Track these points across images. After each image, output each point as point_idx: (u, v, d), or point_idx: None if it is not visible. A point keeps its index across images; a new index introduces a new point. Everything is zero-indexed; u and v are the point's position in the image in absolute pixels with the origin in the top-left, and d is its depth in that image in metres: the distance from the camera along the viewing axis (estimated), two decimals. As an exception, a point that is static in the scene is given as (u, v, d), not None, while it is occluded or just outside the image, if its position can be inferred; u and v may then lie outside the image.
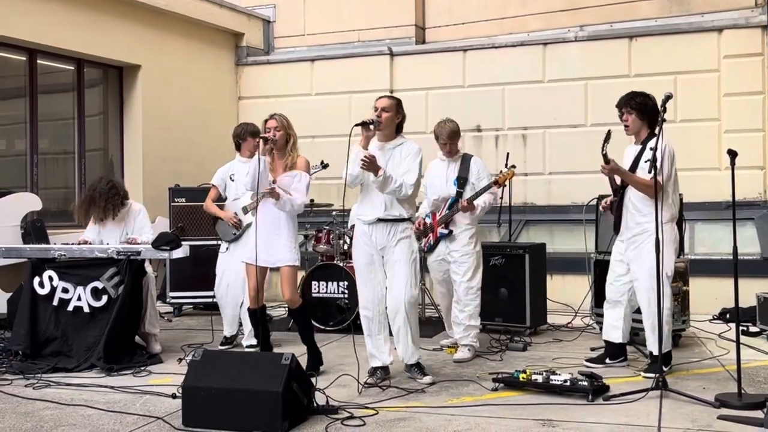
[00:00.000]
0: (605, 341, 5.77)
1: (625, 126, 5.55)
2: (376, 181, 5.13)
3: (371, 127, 5.21)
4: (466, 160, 6.32)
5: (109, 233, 6.51)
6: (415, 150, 5.35)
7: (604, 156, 5.32)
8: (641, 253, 5.36)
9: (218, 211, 6.67)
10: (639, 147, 5.49)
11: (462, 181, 6.21)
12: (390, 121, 5.34)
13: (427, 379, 5.26)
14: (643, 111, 5.44)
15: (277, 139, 5.45)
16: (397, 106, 5.40)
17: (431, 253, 6.35)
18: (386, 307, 5.34)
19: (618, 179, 5.52)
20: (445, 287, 6.38)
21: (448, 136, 6.20)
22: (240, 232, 6.60)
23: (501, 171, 6.23)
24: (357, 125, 5.21)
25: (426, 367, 5.43)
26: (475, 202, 6.11)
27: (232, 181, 6.71)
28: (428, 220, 6.33)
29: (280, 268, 5.56)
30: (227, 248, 6.70)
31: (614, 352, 5.72)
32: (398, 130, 5.44)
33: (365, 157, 5.09)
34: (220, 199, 6.80)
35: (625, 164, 5.50)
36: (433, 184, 6.36)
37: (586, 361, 5.75)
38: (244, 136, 6.67)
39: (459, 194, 6.20)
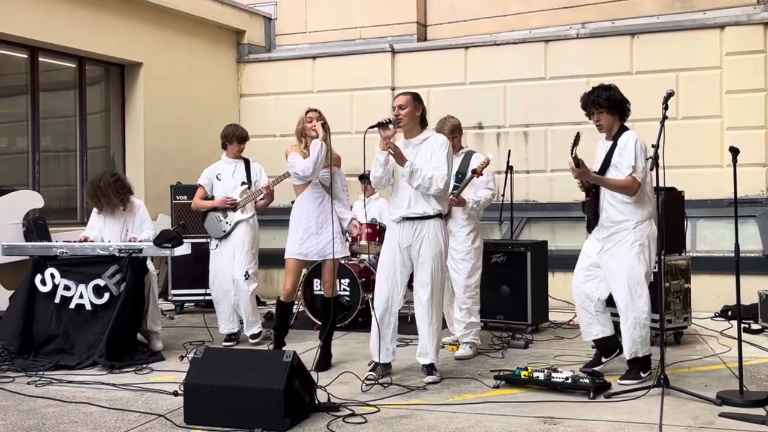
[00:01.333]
0: (593, 342, 5.51)
1: (598, 126, 5.26)
2: (405, 173, 5.14)
3: (390, 126, 5.17)
4: (467, 156, 6.31)
5: (110, 228, 6.53)
6: (440, 142, 5.30)
7: (574, 158, 4.98)
8: (619, 252, 5.11)
9: (210, 203, 6.71)
10: (610, 143, 5.20)
11: (460, 176, 6.18)
12: (410, 116, 5.30)
13: (430, 378, 5.24)
14: (613, 105, 5.16)
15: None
16: (415, 100, 5.35)
17: None
18: (398, 308, 5.37)
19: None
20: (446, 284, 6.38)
21: (450, 131, 6.18)
22: (230, 228, 6.62)
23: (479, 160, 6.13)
24: (372, 127, 5.16)
25: (437, 370, 5.35)
26: (471, 198, 6.08)
27: (219, 180, 6.77)
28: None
29: (326, 260, 5.70)
30: (217, 245, 6.72)
31: (605, 349, 5.43)
32: (422, 124, 5.40)
33: (391, 147, 5.10)
34: (207, 199, 6.82)
35: (597, 161, 5.27)
36: None
37: (581, 369, 5.24)
38: (231, 140, 6.77)
39: (457, 189, 6.16)
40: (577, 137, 5.02)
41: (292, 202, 5.90)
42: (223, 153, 6.86)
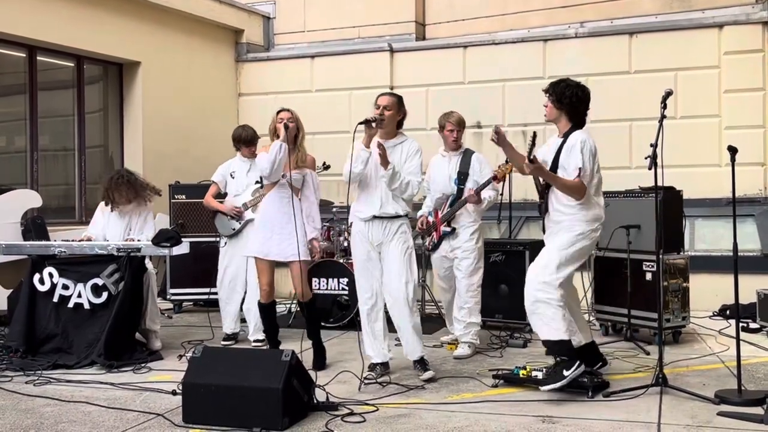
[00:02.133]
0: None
1: (545, 114, 5.13)
2: (386, 175, 5.16)
3: (374, 125, 5.21)
4: (467, 155, 6.31)
5: (113, 225, 6.52)
6: (415, 148, 5.40)
7: (528, 156, 4.87)
8: (552, 239, 4.97)
9: (218, 205, 6.74)
10: (560, 141, 5.06)
11: (462, 176, 6.20)
12: (392, 118, 5.36)
13: (427, 374, 5.25)
14: (560, 100, 4.96)
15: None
16: (398, 103, 5.42)
17: (435, 251, 6.35)
18: (384, 302, 5.38)
19: (542, 180, 5.09)
20: (447, 284, 6.39)
21: (457, 122, 6.20)
22: (240, 226, 6.63)
23: (499, 166, 6.17)
24: (360, 123, 5.21)
25: (429, 362, 5.43)
26: (482, 195, 6.10)
27: (233, 178, 6.79)
28: (431, 219, 6.33)
29: (291, 262, 5.60)
30: (225, 243, 6.73)
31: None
32: (399, 126, 5.47)
33: (379, 148, 5.12)
34: (220, 196, 6.84)
35: (544, 154, 5.15)
36: (435, 181, 6.36)
37: (542, 387, 4.81)
38: (239, 144, 6.81)
39: (460, 191, 6.19)
40: (534, 136, 5.06)
41: None
42: (238, 153, 6.88)
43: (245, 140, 6.77)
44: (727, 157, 4.93)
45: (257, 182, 6.67)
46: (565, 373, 4.65)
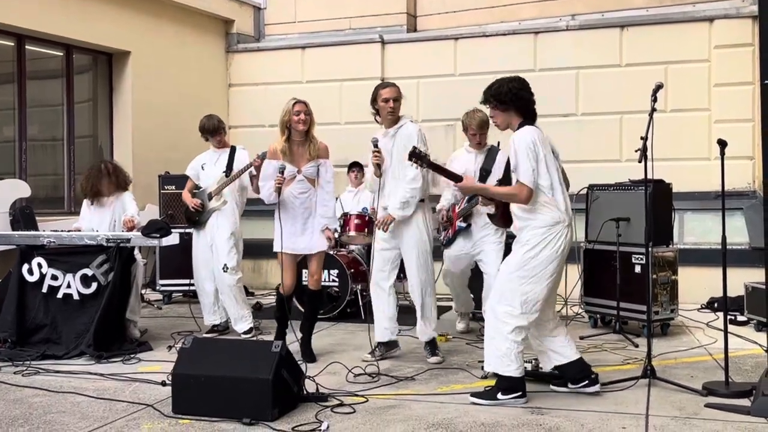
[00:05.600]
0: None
1: (495, 125, 4.81)
2: (398, 216, 5.45)
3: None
4: (492, 152, 6.18)
5: (98, 219, 6.56)
6: (414, 135, 5.48)
7: (453, 176, 4.82)
8: (513, 250, 4.57)
9: (186, 199, 6.74)
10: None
11: (484, 173, 6.06)
12: (400, 107, 5.53)
13: (434, 359, 5.48)
14: (502, 100, 4.58)
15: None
16: (399, 90, 5.60)
17: (449, 246, 6.27)
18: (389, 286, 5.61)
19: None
20: (459, 279, 6.45)
21: (478, 126, 6.10)
22: (205, 217, 6.63)
23: None
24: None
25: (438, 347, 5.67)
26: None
27: (204, 170, 6.78)
28: (449, 213, 6.24)
29: (314, 254, 5.73)
30: (195, 235, 6.77)
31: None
32: None
33: (385, 227, 5.50)
34: (198, 188, 6.81)
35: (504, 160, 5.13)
36: None
37: (472, 395, 4.60)
38: (204, 134, 6.80)
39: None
40: (421, 154, 4.96)
41: None
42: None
43: (209, 130, 6.73)
44: (716, 151, 4.94)
45: (223, 172, 6.65)
46: (500, 396, 4.42)
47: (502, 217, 4.81)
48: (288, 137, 5.64)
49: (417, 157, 4.84)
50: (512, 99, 4.57)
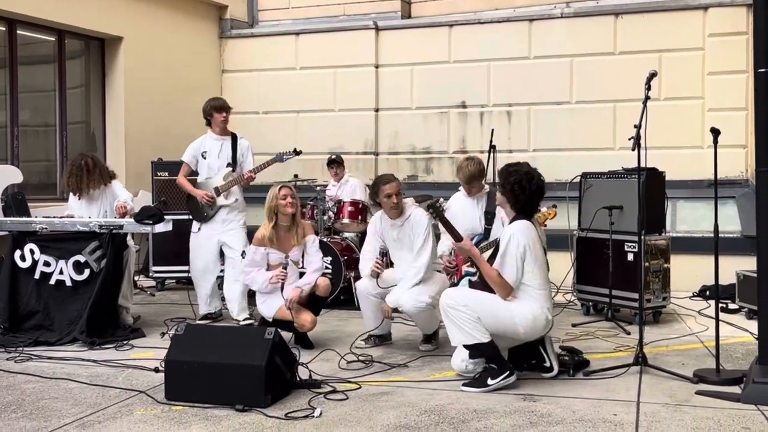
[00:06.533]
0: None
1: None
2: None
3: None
4: (492, 194, 5.81)
5: (87, 211, 6.47)
6: (424, 227, 5.51)
7: (450, 230, 4.89)
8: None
9: (192, 189, 6.63)
10: (507, 223, 4.84)
11: (490, 216, 5.78)
12: (402, 200, 5.56)
13: (425, 347, 5.56)
14: (503, 185, 4.73)
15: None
16: (400, 183, 5.63)
17: None
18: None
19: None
20: None
21: (466, 181, 5.84)
22: (213, 212, 6.57)
23: (540, 210, 5.33)
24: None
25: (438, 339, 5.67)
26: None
27: (204, 158, 6.67)
28: (453, 259, 5.78)
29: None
30: (199, 228, 6.67)
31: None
32: None
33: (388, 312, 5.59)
34: (193, 175, 6.76)
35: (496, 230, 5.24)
36: (457, 218, 5.59)
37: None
38: (211, 111, 6.65)
39: (487, 231, 5.78)
40: (438, 207, 5.17)
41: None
42: (209, 129, 6.74)
43: (217, 107, 6.62)
44: (709, 139, 4.95)
45: (228, 165, 6.60)
46: (489, 381, 4.47)
47: (485, 287, 4.74)
48: (275, 223, 5.62)
49: (434, 209, 5.18)
50: (509, 191, 4.68)
